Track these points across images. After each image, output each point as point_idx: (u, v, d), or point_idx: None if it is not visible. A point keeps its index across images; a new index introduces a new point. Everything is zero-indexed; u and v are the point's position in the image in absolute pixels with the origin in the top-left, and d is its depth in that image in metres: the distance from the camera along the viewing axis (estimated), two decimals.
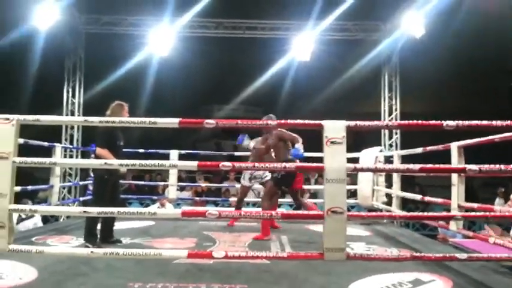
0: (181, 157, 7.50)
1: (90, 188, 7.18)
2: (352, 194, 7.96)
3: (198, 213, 3.09)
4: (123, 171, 4.58)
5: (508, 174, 3.08)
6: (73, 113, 9.26)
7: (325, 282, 3.31)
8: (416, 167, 2.90)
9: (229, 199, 8.28)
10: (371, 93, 11.09)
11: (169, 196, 7.59)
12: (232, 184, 9.12)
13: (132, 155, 6.52)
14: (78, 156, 8.86)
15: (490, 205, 4.39)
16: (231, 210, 4.72)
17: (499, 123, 2.98)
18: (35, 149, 5.70)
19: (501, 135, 3.64)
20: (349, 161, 2.96)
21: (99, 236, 4.52)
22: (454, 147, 4.40)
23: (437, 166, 3.02)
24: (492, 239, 3.60)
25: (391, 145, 9.16)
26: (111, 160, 3.70)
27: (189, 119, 3.09)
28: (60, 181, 6.94)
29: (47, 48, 10.26)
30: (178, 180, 8.79)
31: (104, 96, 11.41)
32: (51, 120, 3.05)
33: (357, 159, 6.88)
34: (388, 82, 9.51)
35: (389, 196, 6.56)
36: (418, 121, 3.00)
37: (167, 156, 7.33)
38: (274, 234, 5.43)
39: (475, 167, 2.87)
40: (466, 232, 4.41)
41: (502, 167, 2.90)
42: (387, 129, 8.96)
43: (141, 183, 9.16)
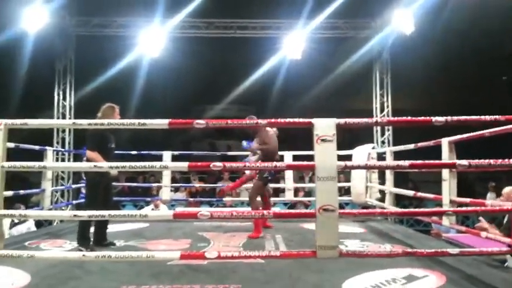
0: (175, 158, 7.45)
1: (83, 191, 7.13)
2: (346, 191, 7.99)
3: (190, 214, 3.08)
4: (114, 174, 4.54)
5: (498, 168, 3.10)
6: (64, 115, 9.21)
7: (318, 280, 3.30)
8: (406, 163, 2.91)
9: (224, 199, 8.27)
10: (363, 91, 11.13)
11: (163, 197, 7.56)
12: (226, 184, 9.10)
13: (124, 157, 6.48)
14: (70, 159, 8.81)
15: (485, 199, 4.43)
16: (223, 210, 4.71)
17: (488, 117, 3.00)
18: (28, 153, 5.67)
19: (491, 130, 3.66)
20: (342, 158, 2.97)
21: (92, 239, 4.49)
22: (445, 142, 4.42)
23: (427, 162, 3.03)
24: (484, 234, 3.62)
25: (383, 142, 9.20)
26: (101, 163, 3.67)
27: (178, 119, 3.08)
28: (52, 185, 6.89)
29: (36, 51, 10.19)
30: (173, 181, 8.78)
31: (95, 98, 11.33)
32: (39, 123, 3.03)
33: (350, 157, 6.90)
34: (380, 79, 9.55)
35: (382, 193, 6.58)
36: (408, 117, 3.02)
37: (160, 157, 7.29)
38: (269, 233, 5.43)
39: (465, 162, 2.88)
40: (459, 227, 4.44)
41: (491, 161, 2.91)
42: (377, 126, 9.00)
43: (135, 185, 9.12)
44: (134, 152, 7.21)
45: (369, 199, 6.77)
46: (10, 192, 5.57)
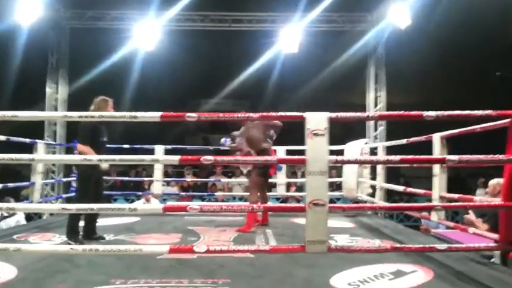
0: (168, 152, 7.42)
1: (74, 184, 7.11)
2: (337, 186, 8.00)
3: (179, 208, 3.06)
4: (105, 168, 4.51)
5: (488, 164, 3.11)
6: (56, 108, 9.13)
7: (308, 275, 3.31)
8: (397, 158, 2.91)
9: (216, 193, 8.26)
10: (358, 85, 11.10)
11: (154, 191, 7.53)
12: (218, 178, 9.10)
13: (117, 150, 6.44)
14: (61, 152, 8.75)
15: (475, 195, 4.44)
16: (213, 204, 4.69)
17: (479, 112, 3.00)
18: (19, 146, 5.63)
19: (482, 125, 3.65)
20: (335, 153, 2.96)
21: (81, 232, 4.47)
22: (436, 137, 4.41)
23: (417, 157, 3.03)
24: (472, 229, 3.63)
25: (376, 137, 9.19)
26: (90, 156, 3.65)
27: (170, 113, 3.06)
28: (43, 178, 6.85)
29: (30, 44, 10.10)
30: (165, 176, 8.75)
31: (89, 91, 11.26)
32: (29, 116, 2.99)
33: (342, 152, 6.90)
34: (374, 73, 9.53)
35: (374, 188, 6.59)
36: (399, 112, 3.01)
37: (152, 151, 7.27)
38: (259, 228, 5.43)
39: (455, 157, 2.89)
40: (447, 222, 4.45)
41: (481, 156, 2.92)
42: (369, 121, 8.99)
43: (126, 179, 9.09)
44: (127, 145, 7.17)
45: (360, 194, 6.78)
46: None
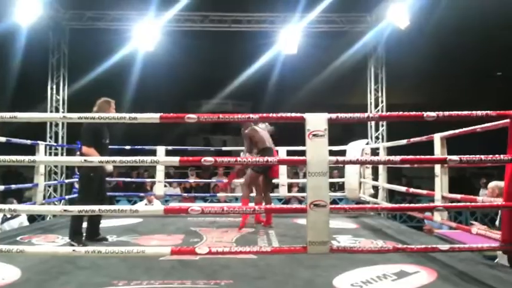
0: (169, 153, 7.43)
1: (76, 186, 7.11)
2: (340, 187, 8.00)
3: (181, 210, 3.06)
4: (109, 170, 4.52)
5: (489, 164, 3.11)
6: (57, 109, 9.16)
7: (311, 276, 3.30)
8: (397, 158, 2.91)
9: (218, 194, 8.26)
10: (358, 86, 11.11)
11: (156, 193, 7.53)
12: (221, 179, 9.10)
13: (118, 151, 6.45)
14: (63, 154, 8.77)
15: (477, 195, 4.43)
16: (214, 205, 4.70)
17: (479, 113, 3.00)
18: (21, 148, 5.63)
19: (483, 125, 3.66)
20: (336, 153, 2.96)
21: (84, 234, 4.48)
22: (437, 138, 4.41)
23: (418, 157, 3.03)
24: (475, 230, 3.62)
25: (377, 137, 9.20)
26: (91, 157, 3.65)
27: (170, 114, 3.06)
28: (46, 180, 6.86)
29: (29, 45, 10.11)
30: (167, 177, 8.75)
31: (89, 92, 11.27)
32: (29, 117, 2.99)
33: (344, 152, 6.90)
34: (374, 74, 9.55)
35: (376, 188, 6.59)
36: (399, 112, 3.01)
37: (154, 152, 7.27)
38: (262, 229, 5.43)
39: (456, 157, 2.88)
40: (450, 223, 4.44)
41: (482, 157, 2.92)
42: (369, 121, 9.00)
43: (128, 180, 9.10)
44: (128, 146, 7.18)
45: (363, 195, 6.78)
46: (1, 187, 5.56)
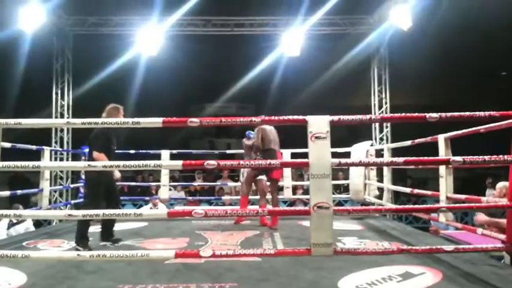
0: (173, 157, 7.44)
1: (82, 190, 7.14)
2: (345, 188, 7.98)
3: (184, 213, 3.07)
4: (117, 177, 4.57)
5: (493, 164, 3.10)
6: (62, 115, 9.22)
7: (315, 278, 3.30)
8: (401, 159, 2.90)
9: (223, 197, 8.26)
10: (361, 87, 11.11)
11: (161, 196, 7.55)
12: (225, 182, 9.10)
13: (123, 156, 6.48)
14: (68, 159, 8.81)
15: (480, 196, 4.40)
16: (218, 208, 4.71)
17: (482, 113, 2.99)
18: (26, 153, 5.67)
19: (486, 126, 3.65)
20: (340, 155, 2.95)
21: (90, 238, 4.50)
22: (441, 138, 4.40)
23: (422, 158, 3.02)
24: (480, 230, 3.61)
25: (382, 138, 9.18)
26: (94, 162, 3.67)
27: (173, 118, 3.08)
28: (51, 185, 6.90)
29: (33, 51, 10.19)
30: (172, 181, 8.76)
31: (93, 97, 11.34)
32: (33, 123, 3.02)
33: (348, 154, 6.89)
34: (378, 75, 9.54)
35: (381, 190, 6.57)
36: (401, 114, 3.01)
37: (158, 156, 7.29)
38: (267, 231, 5.43)
39: (459, 158, 2.88)
40: (455, 224, 4.42)
41: (486, 157, 2.91)
42: (372, 123, 8.99)
43: (133, 184, 9.12)
44: (133, 151, 7.20)
45: (368, 196, 6.76)
46: (7, 193, 5.59)
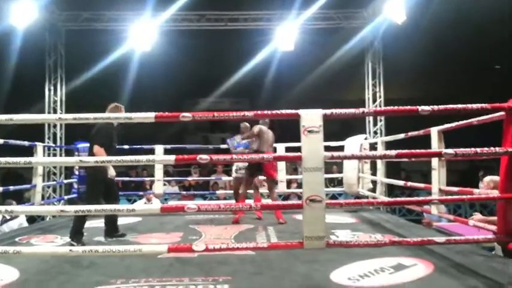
0: (167, 152, 7.44)
1: (75, 186, 7.12)
2: (339, 182, 8.01)
3: (177, 208, 3.07)
4: (112, 175, 4.57)
5: (485, 156, 3.12)
6: (55, 110, 9.17)
7: (308, 271, 3.32)
8: (393, 152, 2.91)
9: (217, 192, 8.27)
10: (355, 81, 11.12)
11: (155, 191, 7.55)
12: (220, 177, 9.10)
13: (117, 151, 6.46)
14: (62, 154, 8.78)
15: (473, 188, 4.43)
16: (211, 203, 4.72)
17: (474, 106, 3.01)
18: (19, 149, 5.64)
19: (478, 118, 3.68)
20: (334, 149, 2.96)
21: (84, 233, 4.51)
22: (434, 131, 4.42)
23: (414, 151, 3.04)
24: (472, 222, 3.64)
25: (375, 132, 9.21)
26: (87, 158, 3.66)
27: (165, 113, 3.07)
28: (44, 180, 6.87)
29: (25, 47, 10.10)
30: (167, 175, 8.74)
31: (86, 93, 11.29)
32: (25, 119, 2.99)
33: (342, 148, 6.90)
34: (372, 69, 9.55)
35: (374, 183, 6.60)
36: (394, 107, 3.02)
37: (152, 151, 7.28)
38: (261, 225, 5.45)
39: (451, 150, 2.89)
40: (448, 216, 4.46)
41: (477, 150, 2.92)
42: (364, 117, 9.00)
43: (127, 179, 9.10)
44: (127, 146, 7.18)
45: (361, 190, 6.79)
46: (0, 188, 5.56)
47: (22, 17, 7.98)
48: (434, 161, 4.45)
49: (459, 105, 3.01)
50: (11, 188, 5.77)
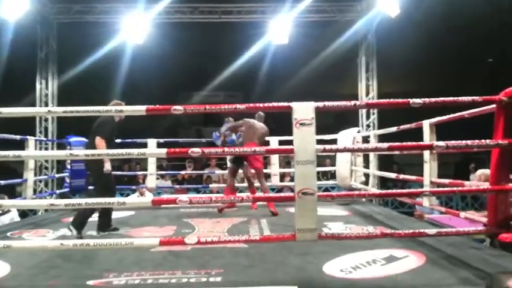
0: (160, 145, 7.41)
1: (67, 180, 7.09)
2: (332, 175, 8.03)
3: (168, 201, 3.06)
4: (107, 170, 4.56)
5: (476, 149, 3.13)
6: (47, 104, 9.10)
7: (301, 263, 3.34)
8: (385, 145, 2.91)
9: (210, 186, 8.26)
10: (349, 75, 11.11)
11: (148, 185, 7.53)
12: (213, 171, 9.09)
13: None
14: (53, 148, 8.72)
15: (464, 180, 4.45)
16: (203, 196, 4.71)
17: (465, 99, 3.01)
18: (10, 143, 5.59)
19: (470, 111, 3.69)
20: (327, 142, 2.96)
21: (98, 226, 4.65)
22: (426, 124, 4.44)
23: (405, 144, 3.04)
24: (463, 214, 3.66)
25: (368, 125, 9.23)
26: (77, 151, 3.63)
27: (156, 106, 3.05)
28: (36, 175, 6.83)
29: (16, 40, 9.99)
30: (160, 170, 8.71)
31: (79, 86, 11.21)
32: (14, 112, 2.96)
33: (335, 141, 6.92)
34: (365, 63, 9.54)
35: (367, 176, 6.63)
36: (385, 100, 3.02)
37: (145, 145, 7.25)
38: (254, 218, 5.46)
39: (442, 143, 2.90)
40: (439, 208, 4.48)
41: (468, 142, 2.94)
42: (356, 109, 9.02)
43: (120, 173, 9.06)
44: (119, 140, 7.12)
45: (354, 183, 6.82)
46: None
47: (13, 9, 7.87)
48: (426, 154, 4.47)
49: (450, 98, 3.01)
50: (1, 182, 5.72)
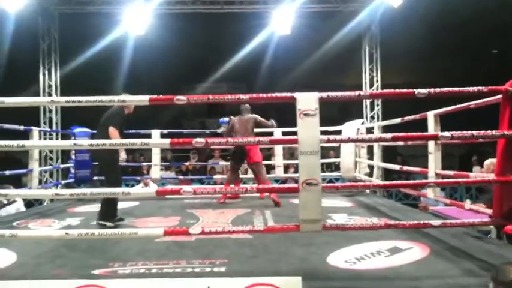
0: (164, 136, 7.40)
1: (72, 171, 7.11)
2: (336, 167, 8.02)
3: (172, 191, 3.06)
4: (123, 157, 4.67)
5: (481, 139, 3.12)
6: (50, 94, 9.11)
7: (305, 254, 3.34)
8: (389, 135, 2.90)
9: (214, 177, 8.27)
10: (352, 66, 11.04)
11: (152, 176, 7.55)
12: (217, 162, 9.09)
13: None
14: (58, 139, 8.74)
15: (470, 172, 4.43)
16: (206, 187, 4.72)
17: (470, 89, 2.99)
18: (15, 134, 5.60)
19: (476, 102, 3.66)
20: (332, 133, 2.94)
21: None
22: (430, 115, 4.41)
23: (410, 134, 3.02)
24: (468, 205, 3.65)
25: (372, 117, 9.20)
26: (79, 141, 3.64)
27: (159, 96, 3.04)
28: (41, 165, 6.85)
29: (18, 31, 9.97)
30: (164, 161, 8.73)
31: (81, 76, 11.18)
32: (17, 102, 2.96)
33: (339, 132, 6.91)
34: (369, 53, 9.48)
35: (371, 168, 6.62)
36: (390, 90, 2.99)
37: (149, 136, 7.26)
38: (258, 208, 5.46)
39: (447, 133, 2.88)
40: (444, 200, 4.47)
41: (474, 132, 2.92)
42: (360, 100, 8.97)
43: (124, 164, 9.07)
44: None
45: (358, 174, 6.81)
46: None
47: (13, 0, 7.84)
48: (431, 145, 4.44)
49: (456, 88, 2.99)
50: (7, 172, 5.74)
